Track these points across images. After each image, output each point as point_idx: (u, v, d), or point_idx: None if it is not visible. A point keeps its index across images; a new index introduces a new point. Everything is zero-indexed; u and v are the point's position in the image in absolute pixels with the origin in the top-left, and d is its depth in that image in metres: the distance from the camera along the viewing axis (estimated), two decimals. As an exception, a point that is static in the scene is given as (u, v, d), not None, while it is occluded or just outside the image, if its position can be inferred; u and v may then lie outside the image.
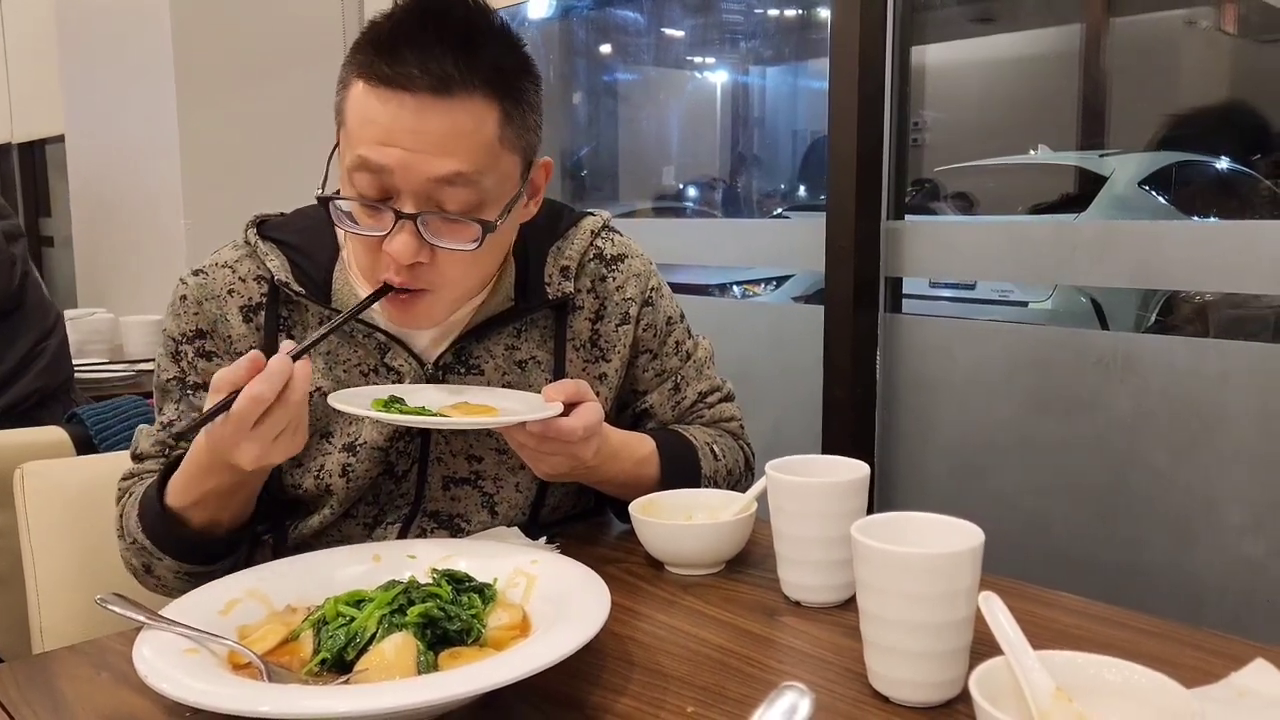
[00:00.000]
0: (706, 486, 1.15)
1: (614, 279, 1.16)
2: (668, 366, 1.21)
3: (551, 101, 3.80)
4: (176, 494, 0.98)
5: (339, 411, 1.06)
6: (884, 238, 1.66)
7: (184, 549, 1.00)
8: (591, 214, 1.19)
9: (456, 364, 1.10)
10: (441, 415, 0.97)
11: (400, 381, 1.08)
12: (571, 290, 1.12)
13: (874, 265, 1.66)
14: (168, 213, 2.62)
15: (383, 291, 0.99)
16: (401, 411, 0.96)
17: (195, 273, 1.09)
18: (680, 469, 1.13)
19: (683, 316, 1.24)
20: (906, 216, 1.71)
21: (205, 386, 1.07)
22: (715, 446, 1.18)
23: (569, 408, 0.98)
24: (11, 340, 1.80)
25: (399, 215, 0.93)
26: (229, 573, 1.01)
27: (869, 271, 1.66)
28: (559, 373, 1.12)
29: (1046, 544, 1.52)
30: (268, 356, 1.06)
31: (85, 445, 1.57)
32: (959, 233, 1.63)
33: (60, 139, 3.32)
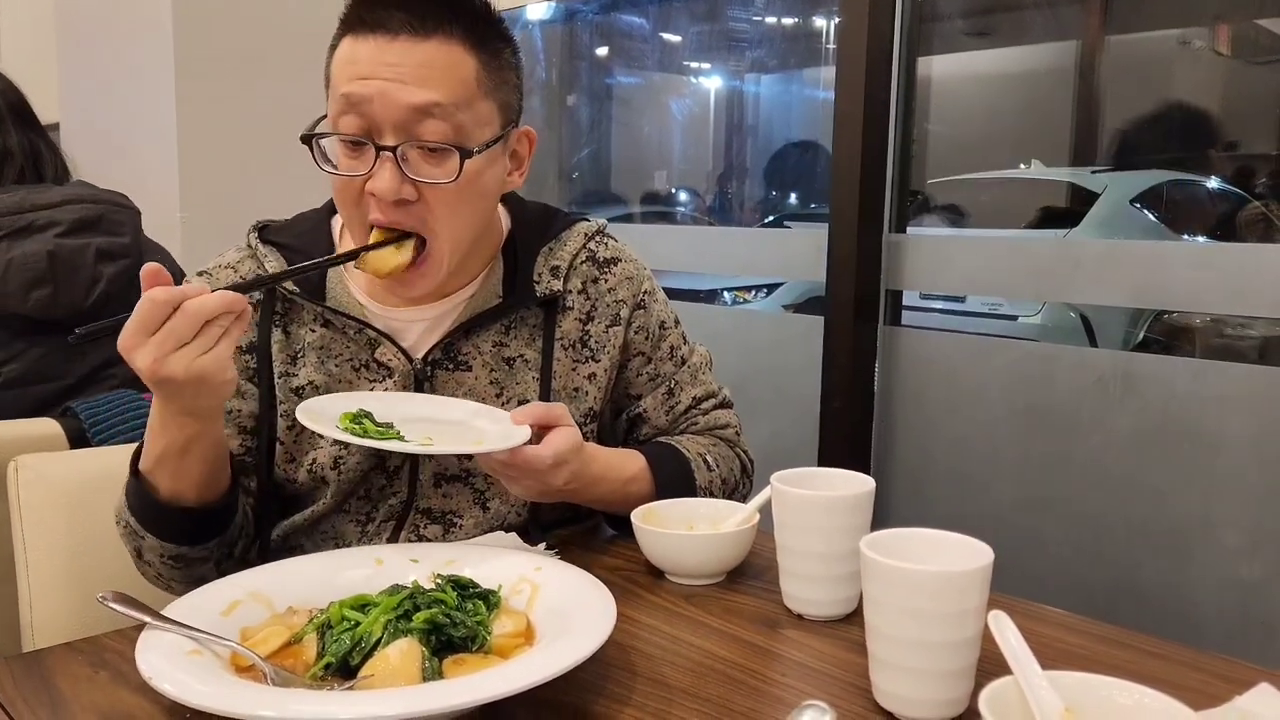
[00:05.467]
0: (703, 498, 1.14)
1: (606, 281, 1.17)
2: (661, 371, 1.21)
3: (548, 104, 3.80)
4: (144, 458, 0.97)
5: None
6: (885, 250, 1.67)
7: (158, 520, 0.98)
8: (586, 219, 1.20)
9: (445, 360, 1.11)
10: (400, 438, 0.95)
11: (390, 376, 1.09)
12: (560, 289, 1.13)
13: (875, 278, 1.67)
14: (163, 205, 2.60)
15: (353, 254, 1.01)
16: (366, 431, 0.94)
17: (200, 273, 1.12)
18: (673, 483, 1.13)
19: (678, 322, 1.24)
20: (908, 229, 1.71)
21: None
22: (709, 457, 1.18)
23: (543, 431, 0.99)
24: (77, 357, 1.70)
25: (379, 149, 0.97)
26: (217, 564, 1.03)
27: (870, 284, 1.66)
28: (546, 372, 1.13)
29: (1041, 560, 1.53)
30: (261, 352, 1.09)
31: (79, 439, 1.55)
32: (960, 247, 1.64)
33: (54, 126, 3.29)
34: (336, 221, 1.16)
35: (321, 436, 1.08)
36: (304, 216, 1.19)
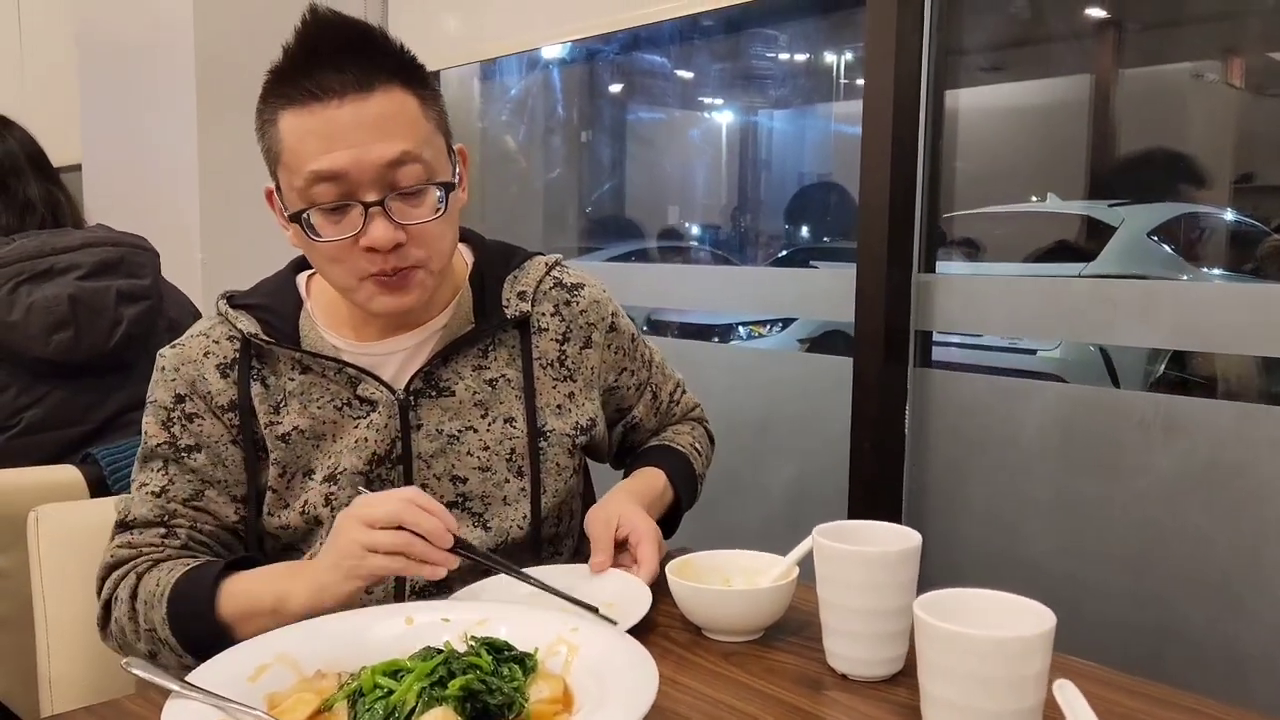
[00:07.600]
0: (699, 484, 1.32)
1: (577, 304, 1.22)
2: (641, 378, 1.31)
3: (567, 142, 3.80)
4: (235, 611, 0.97)
5: (318, 447, 1.10)
6: (914, 290, 1.64)
7: (208, 652, 0.93)
8: (542, 253, 1.26)
9: (427, 388, 1.13)
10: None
11: (374, 410, 1.11)
12: (529, 310, 1.17)
13: (904, 318, 1.64)
14: (184, 246, 2.61)
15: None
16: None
17: (171, 346, 1.14)
18: (685, 483, 1.27)
19: (638, 330, 1.32)
20: (937, 268, 1.68)
21: (197, 448, 1.10)
22: (696, 445, 1.33)
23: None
24: (99, 401, 1.68)
25: (367, 205, 1.00)
26: None
27: (899, 324, 1.63)
28: (529, 390, 1.16)
29: (1081, 610, 1.48)
30: (242, 405, 1.09)
31: (99, 485, 1.52)
32: (992, 287, 1.60)
33: (76, 168, 3.30)
34: (302, 279, 1.19)
35: (310, 478, 1.10)
36: (266, 280, 1.20)
